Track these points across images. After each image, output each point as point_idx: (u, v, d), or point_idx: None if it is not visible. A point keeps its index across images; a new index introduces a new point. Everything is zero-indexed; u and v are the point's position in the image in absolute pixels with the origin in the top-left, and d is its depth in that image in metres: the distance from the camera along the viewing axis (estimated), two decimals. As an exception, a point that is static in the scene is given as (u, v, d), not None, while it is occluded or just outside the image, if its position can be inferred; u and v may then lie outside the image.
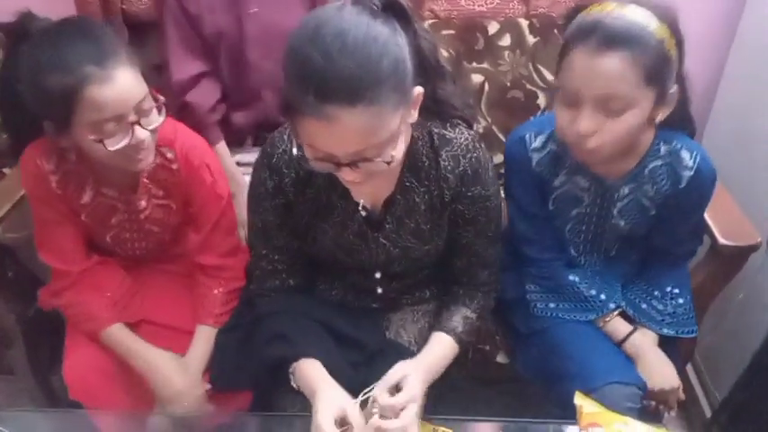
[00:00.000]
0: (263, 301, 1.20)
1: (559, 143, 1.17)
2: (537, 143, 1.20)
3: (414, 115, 0.96)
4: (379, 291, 1.23)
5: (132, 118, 1.05)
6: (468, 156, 1.09)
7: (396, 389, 1.02)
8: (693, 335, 1.28)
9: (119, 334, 1.22)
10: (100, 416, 1.16)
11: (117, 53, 1.02)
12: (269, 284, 1.20)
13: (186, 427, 1.15)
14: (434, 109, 1.05)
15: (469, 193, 1.10)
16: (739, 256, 1.34)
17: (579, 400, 0.99)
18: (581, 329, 1.23)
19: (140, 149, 1.08)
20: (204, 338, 1.26)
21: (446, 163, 1.08)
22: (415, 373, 1.04)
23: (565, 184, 1.21)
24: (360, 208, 1.11)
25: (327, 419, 0.96)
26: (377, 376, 1.08)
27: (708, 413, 1.67)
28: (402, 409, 0.98)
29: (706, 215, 1.31)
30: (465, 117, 1.11)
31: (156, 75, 1.44)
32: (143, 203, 1.22)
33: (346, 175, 0.94)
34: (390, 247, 1.14)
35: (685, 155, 1.15)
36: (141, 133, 1.06)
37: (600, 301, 1.25)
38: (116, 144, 1.05)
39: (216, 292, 1.27)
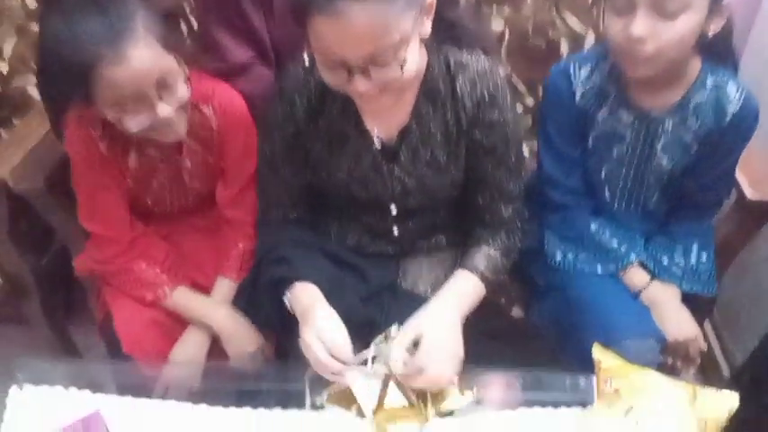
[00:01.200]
0: (266, 231, 1.19)
1: (605, 74, 1.15)
2: (582, 75, 1.17)
3: (427, 26, 0.95)
4: (395, 232, 1.21)
5: (153, 94, 1.00)
6: (486, 80, 1.06)
7: (414, 345, 0.99)
8: (713, 293, 1.26)
9: (185, 297, 1.22)
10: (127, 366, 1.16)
11: (132, 29, 0.96)
12: (272, 215, 1.19)
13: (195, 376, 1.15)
14: (451, 34, 1.04)
15: (487, 120, 1.07)
16: (766, 211, 1.30)
17: (598, 353, 0.97)
18: (600, 283, 1.20)
19: (167, 125, 1.04)
20: (223, 291, 1.25)
21: (462, 88, 1.06)
22: (434, 319, 1.01)
23: (607, 121, 1.18)
24: (374, 138, 1.09)
25: (315, 339, 0.95)
26: (387, 321, 1.06)
27: (726, 373, 1.65)
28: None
29: (733, 168, 1.26)
30: (483, 45, 1.09)
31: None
32: (187, 162, 1.20)
33: (359, 85, 0.92)
34: (406, 179, 1.12)
35: (731, 89, 1.13)
36: (163, 110, 1.01)
37: (621, 253, 1.22)
38: (137, 122, 1.01)
39: (241, 246, 1.26)
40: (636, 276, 1.23)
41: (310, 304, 1.02)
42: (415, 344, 0.99)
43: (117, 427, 0.95)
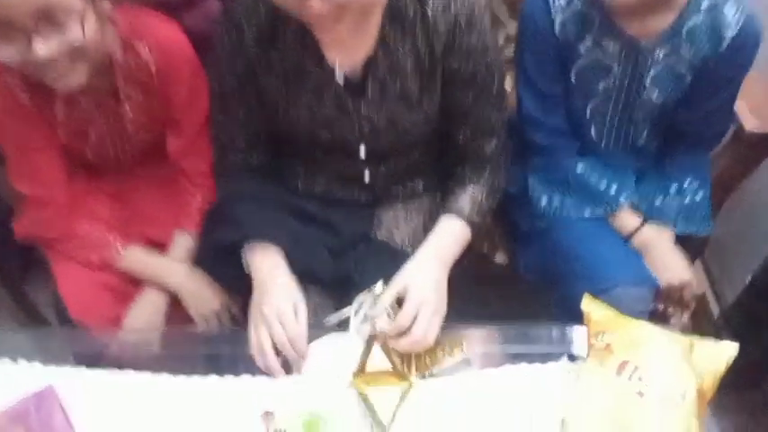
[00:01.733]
0: (223, 181, 1.09)
1: None
2: (561, 0, 1.05)
3: None
4: (367, 178, 1.12)
5: (29, 26, 0.83)
6: (460, 1, 0.94)
7: (398, 304, 0.92)
8: (708, 233, 1.19)
9: (138, 257, 1.13)
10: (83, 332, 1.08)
11: None
12: (229, 160, 1.09)
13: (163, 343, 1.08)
14: None
15: (464, 46, 0.97)
16: (765, 145, 1.22)
17: (587, 305, 0.90)
18: (588, 227, 1.13)
19: (51, 69, 0.88)
20: (182, 247, 1.16)
21: (435, 10, 0.94)
22: (419, 275, 0.94)
23: (591, 51, 1.07)
24: (336, 71, 0.97)
25: (288, 303, 0.90)
26: (363, 276, 0.99)
27: (717, 312, 1.61)
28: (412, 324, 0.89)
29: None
30: None
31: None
32: (127, 110, 1.07)
33: (314, 4, 0.81)
34: (374, 116, 1.01)
35: (729, 11, 1.01)
36: (40, 49, 0.84)
37: (610, 195, 1.14)
38: (4, 53, 0.86)
39: (200, 198, 1.16)
40: (626, 219, 1.15)
41: (262, 276, 0.94)
42: (399, 302, 0.92)
43: (71, 402, 0.88)
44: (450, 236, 1.03)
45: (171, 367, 0.93)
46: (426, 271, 0.96)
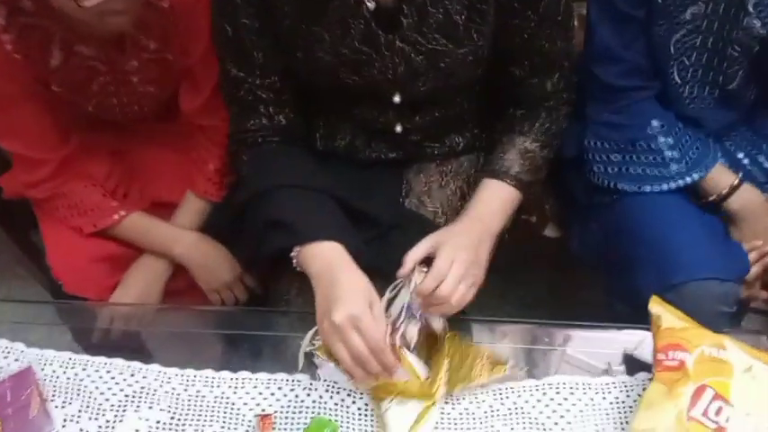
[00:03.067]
0: (244, 152, 0.92)
1: None
2: None
3: None
4: (398, 129, 0.95)
5: None
6: None
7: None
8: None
9: (139, 222, 1.00)
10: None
11: None
12: (252, 123, 0.91)
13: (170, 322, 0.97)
14: None
15: None
16: None
17: (656, 307, 0.73)
18: (662, 202, 0.92)
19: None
20: (193, 212, 1.03)
21: None
22: (456, 234, 0.81)
23: None
24: None
25: (364, 306, 0.73)
26: (391, 256, 0.84)
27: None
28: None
29: None
30: None
31: None
32: (133, 63, 0.93)
33: None
34: (411, 53, 0.84)
35: None
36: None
37: (677, 171, 0.94)
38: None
39: (217, 158, 1.02)
40: (721, 177, 0.95)
41: (337, 268, 0.78)
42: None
43: (51, 386, 0.79)
44: (495, 201, 0.87)
45: (171, 350, 0.83)
46: (466, 231, 0.82)
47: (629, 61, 0.93)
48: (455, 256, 0.77)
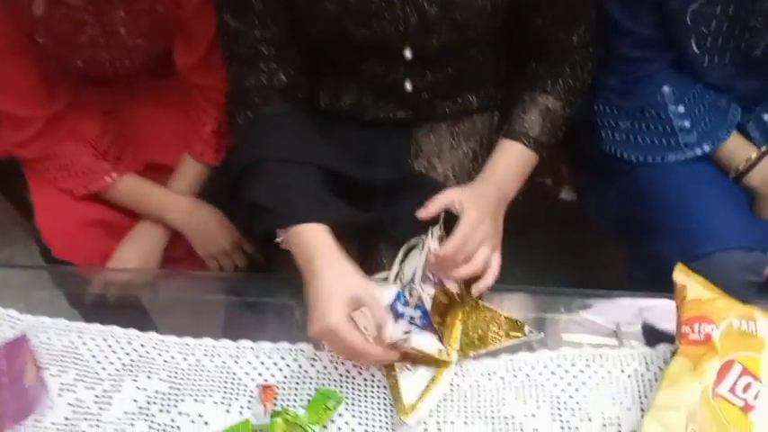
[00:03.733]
0: (243, 122, 0.86)
1: None
2: None
3: None
4: (408, 86, 0.89)
5: None
6: None
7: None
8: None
9: (133, 186, 0.96)
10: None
11: None
12: (251, 82, 0.85)
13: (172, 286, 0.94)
14: None
15: None
16: None
17: (682, 277, 0.69)
18: (687, 169, 0.87)
19: None
20: (189, 175, 0.99)
21: None
22: (474, 195, 0.78)
23: None
24: None
25: (340, 314, 0.67)
26: (397, 221, 0.82)
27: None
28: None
29: None
30: None
31: None
32: (121, 13, 0.87)
33: None
34: (424, 2, 0.78)
35: None
36: None
37: (686, 142, 0.88)
38: None
39: (213, 118, 0.97)
40: (738, 149, 0.89)
41: (314, 257, 0.72)
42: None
43: (46, 354, 0.76)
44: (512, 164, 0.84)
45: (170, 317, 0.80)
46: (486, 195, 0.79)
47: (640, 34, 0.87)
48: (481, 220, 0.75)
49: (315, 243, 0.73)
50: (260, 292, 0.85)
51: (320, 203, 0.77)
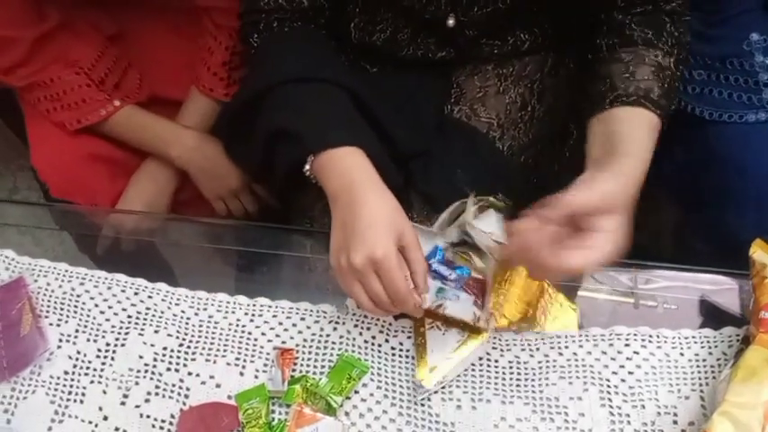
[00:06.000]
0: (259, 45, 0.77)
1: None
2: None
3: None
4: (451, 22, 0.77)
5: None
6: None
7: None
8: None
9: (132, 118, 0.87)
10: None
11: None
12: (262, 2, 0.76)
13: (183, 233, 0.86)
14: None
15: None
16: None
17: (760, 254, 0.60)
18: (764, 130, 0.76)
19: None
20: (196, 111, 0.90)
21: None
22: (620, 202, 0.58)
23: None
24: None
25: (389, 246, 0.58)
26: (432, 174, 0.73)
27: None
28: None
29: None
30: None
31: None
32: None
33: None
34: None
35: None
36: None
37: None
38: None
39: (224, 47, 0.87)
40: None
41: (356, 181, 0.63)
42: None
43: (45, 301, 0.70)
44: (647, 139, 0.65)
45: (180, 268, 0.73)
46: (624, 189, 0.59)
47: None
48: (615, 232, 0.55)
49: (356, 168, 0.64)
50: (276, 245, 0.77)
51: (356, 126, 0.68)
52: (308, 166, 0.67)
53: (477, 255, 0.67)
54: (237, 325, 0.68)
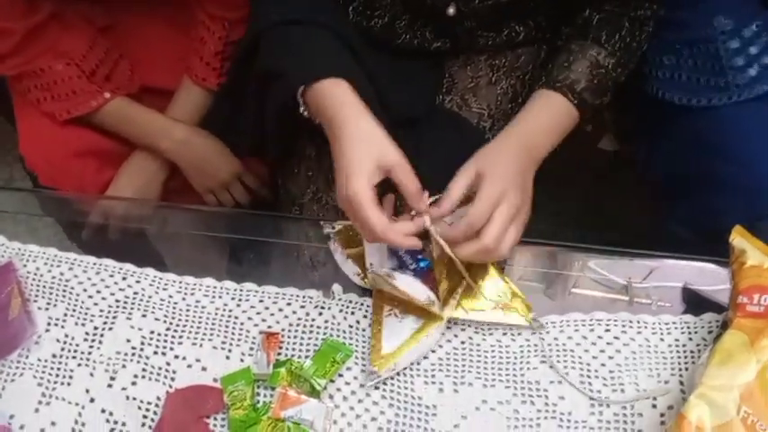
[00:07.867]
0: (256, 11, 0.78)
1: None
2: None
3: None
4: (451, 11, 0.78)
5: None
6: None
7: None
8: None
9: (121, 110, 0.87)
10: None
11: None
12: None
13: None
14: None
15: None
16: None
17: (740, 240, 0.61)
18: (756, 116, 0.76)
19: None
20: (187, 102, 0.90)
21: None
22: (500, 162, 0.65)
23: None
24: None
25: (362, 183, 0.60)
26: (423, 161, 0.72)
27: None
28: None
29: None
30: None
31: None
32: None
33: None
34: None
35: None
36: None
37: (736, 82, 0.75)
38: None
39: (216, 37, 0.87)
40: None
41: (340, 112, 0.64)
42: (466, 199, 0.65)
43: (34, 285, 0.71)
44: (549, 119, 0.71)
45: (168, 254, 0.74)
46: (510, 159, 0.66)
47: None
48: (502, 192, 0.62)
49: (339, 98, 0.65)
50: (265, 232, 0.78)
51: (344, 59, 0.69)
52: (302, 108, 0.69)
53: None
54: (224, 309, 0.69)
